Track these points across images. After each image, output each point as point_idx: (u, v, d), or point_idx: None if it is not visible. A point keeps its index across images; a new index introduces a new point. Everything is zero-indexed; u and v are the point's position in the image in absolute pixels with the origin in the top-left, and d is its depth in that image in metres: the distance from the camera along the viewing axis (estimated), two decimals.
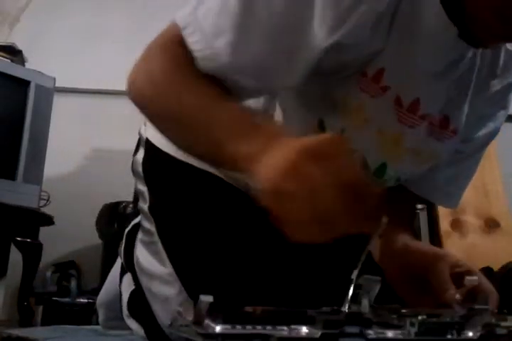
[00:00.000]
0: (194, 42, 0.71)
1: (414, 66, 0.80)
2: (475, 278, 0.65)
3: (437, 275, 0.75)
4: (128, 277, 0.96)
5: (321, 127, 0.82)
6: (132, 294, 0.95)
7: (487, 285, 0.76)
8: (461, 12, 0.74)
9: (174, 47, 0.71)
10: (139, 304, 0.90)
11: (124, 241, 1.00)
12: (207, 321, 0.47)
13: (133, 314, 0.94)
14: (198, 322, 0.48)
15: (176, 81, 0.71)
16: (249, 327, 0.47)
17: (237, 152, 0.63)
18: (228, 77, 0.71)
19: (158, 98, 0.71)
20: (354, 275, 0.61)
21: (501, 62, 0.88)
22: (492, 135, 0.98)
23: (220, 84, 0.70)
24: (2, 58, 2.23)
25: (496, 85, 0.90)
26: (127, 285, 0.96)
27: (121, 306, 0.98)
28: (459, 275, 0.77)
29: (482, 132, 0.95)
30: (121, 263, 1.01)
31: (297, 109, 0.83)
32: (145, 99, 0.72)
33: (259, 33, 0.70)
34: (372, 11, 0.70)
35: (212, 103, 0.68)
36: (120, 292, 0.98)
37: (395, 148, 0.85)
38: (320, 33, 0.68)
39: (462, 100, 0.87)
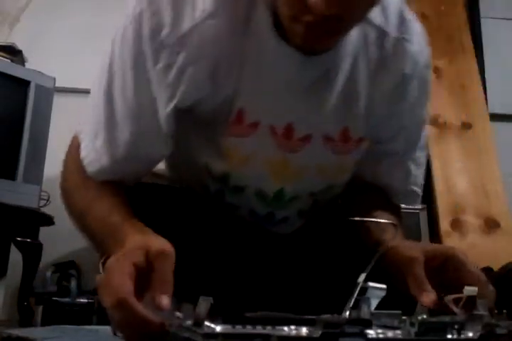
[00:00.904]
0: (84, 147, 0.84)
1: (274, 94, 0.82)
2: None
3: (412, 279, 0.73)
4: None
5: (208, 171, 0.90)
6: None
7: (482, 283, 0.75)
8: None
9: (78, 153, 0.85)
10: None
11: None
12: (207, 322, 0.47)
13: None
14: (198, 323, 0.48)
15: (76, 190, 0.84)
16: (249, 327, 0.47)
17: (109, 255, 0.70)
18: (111, 177, 0.83)
19: (66, 201, 0.86)
20: (361, 278, 0.61)
21: (389, 51, 0.86)
22: (418, 126, 0.96)
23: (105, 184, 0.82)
24: (2, 58, 2.22)
25: (393, 77, 0.87)
26: None
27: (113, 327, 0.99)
28: (439, 269, 0.75)
29: (403, 127, 0.93)
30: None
31: (188, 156, 0.91)
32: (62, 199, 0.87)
33: (122, 125, 0.80)
34: (201, 70, 0.78)
35: (86, 212, 0.80)
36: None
37: (286, 172, 0.89)
38: (162, 107, 0.79)
39: (355, 107, 0.87)
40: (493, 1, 3.06)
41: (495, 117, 2.79)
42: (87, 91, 0.92)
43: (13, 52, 2.32)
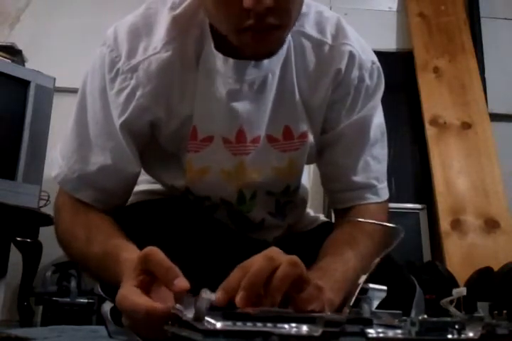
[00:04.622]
0: (58, 167, 0.93)
1: (221, 106, 0.91)
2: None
3: None
4: (107, 304, 1.00)
5: (173, 189, 1.00)
6: (113, 310, 0.97)
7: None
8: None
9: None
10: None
11: None
12: (207, 318, 0.47)
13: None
14: (198, 318, 0.48)
15: (73, 227, 0.90)
16: (249, 323, 0.46)
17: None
18: (90, 195, 0.91)
19: (61, 236, 0.92)
20: (362, 280, 0.61)
21: (327, 56, 0.94)
22: (364, 118, 0.99)
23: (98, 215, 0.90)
24: (2, 58, 2.22)
25: (331, 75, 0.94)
26: (107, 309, 1.00)
27: (108, 331, 1.01)
28: None
29: (348, 116, 0.98)
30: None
31: (161, 177, 1.01)
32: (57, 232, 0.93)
33: (94, 142, 0.91)
34: (150, 93, 0.89)
35: (88, 249, 0.85)
36: (104, 318, 1.01)
37: (243, 175, 0.97)
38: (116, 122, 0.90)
39: (291, 106, 0.94)
40: (493, 1, 3.06)
41: (495, 117, 2.79)
42: None
43: (13, 52, 2.32)
